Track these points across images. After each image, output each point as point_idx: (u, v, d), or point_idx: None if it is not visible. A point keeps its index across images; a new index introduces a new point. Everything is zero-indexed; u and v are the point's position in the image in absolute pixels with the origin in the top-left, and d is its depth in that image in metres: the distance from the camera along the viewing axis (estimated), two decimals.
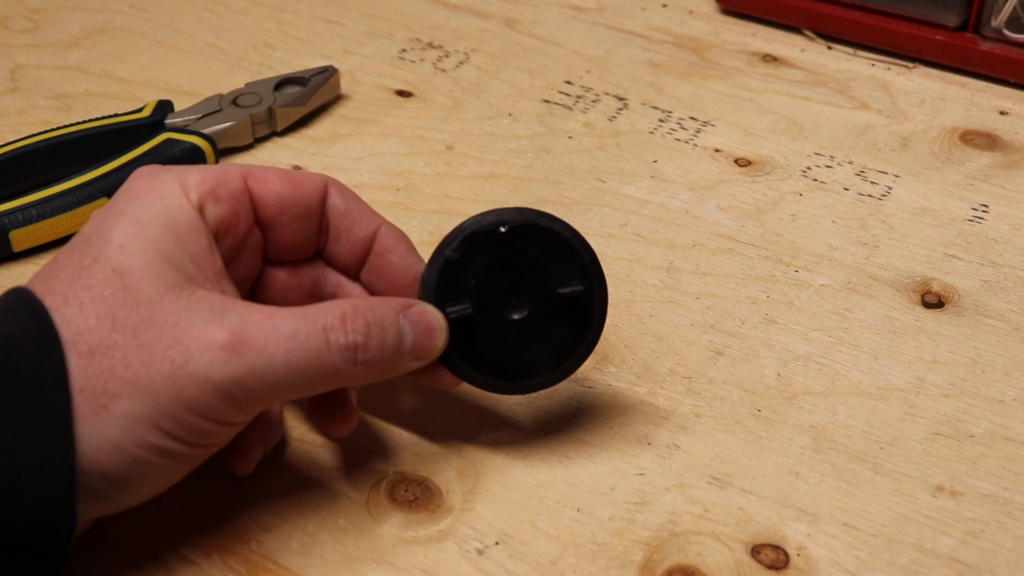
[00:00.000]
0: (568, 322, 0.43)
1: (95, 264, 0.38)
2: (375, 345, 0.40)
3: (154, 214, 0.39)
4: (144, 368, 0.37)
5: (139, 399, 0.37)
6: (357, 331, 0.39)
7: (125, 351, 0.37)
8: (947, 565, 0.42)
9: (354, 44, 0.72)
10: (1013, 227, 0.57)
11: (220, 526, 0.43)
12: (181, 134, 0.59)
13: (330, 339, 0.39)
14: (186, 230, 0.40)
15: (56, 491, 0.36)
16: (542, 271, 0.43)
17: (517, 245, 0.43)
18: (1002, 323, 0.52)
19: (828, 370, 0.50)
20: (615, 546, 0.42)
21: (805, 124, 0.65)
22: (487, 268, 0.43)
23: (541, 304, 0.43)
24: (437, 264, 0.43)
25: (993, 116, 0.66)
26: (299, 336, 0.38)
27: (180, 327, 0.37)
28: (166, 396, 0.37)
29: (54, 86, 0.67)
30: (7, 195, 0.56)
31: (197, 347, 0.37)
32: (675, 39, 0.72)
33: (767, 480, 0.45)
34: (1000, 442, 0.46)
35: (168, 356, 0.37)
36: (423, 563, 0.42)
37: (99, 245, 0.39)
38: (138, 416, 0.37)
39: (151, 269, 0.38)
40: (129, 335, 0.37)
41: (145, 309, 0.38)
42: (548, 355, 0.43)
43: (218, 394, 0.37)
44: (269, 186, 0.43)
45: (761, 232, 0.57)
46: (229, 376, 0.37)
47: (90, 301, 0.38)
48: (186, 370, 0.37)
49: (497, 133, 0.64)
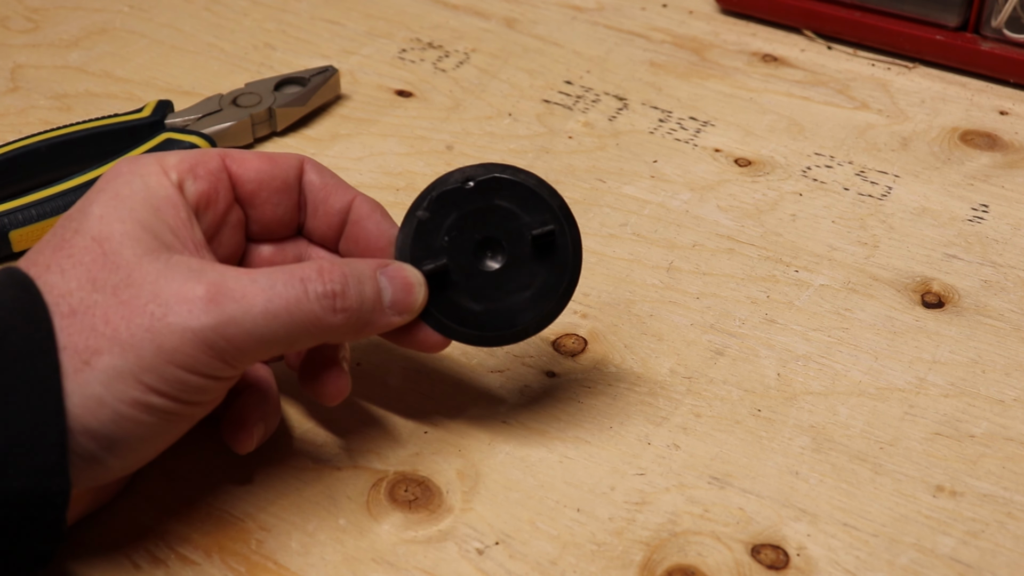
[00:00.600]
0: (544, 265, 0.44)
1: (76, 235, 0.39)
2: (353, 295, 0.41)
3: (133, 189, 0.40)
4: (124, 323, 0.37)
5: (120, 353, 0.37)
6: (335, 280, 0.40)
7: (105, 308, 0.38)
8: (947, 565, 0.42)
9: (354, 44, 0.72)
10: (1013, 227, 0.57)
11: (220, 526, 0.43)
12: (181, 134, 0.59)
13: (308, 288, 0.40)
14: (165, 203, 0.41)
15: (48, 456, 0.36)
16: (512, 220, 0.44)
17: (485, 198, 0.44)
18: (1002, 323, 0.52)
19: (828, 370, 0.50)
20: (615, 546, 0.42)
21: (805, 124, 0.65)
22: (458, 225, 0.44)
23: (515, 251, 0.44)
24: (409, 226, 0.44)
25: (993, 116, 0.66)
26: (277, 286, 0.39)
27: (159, 284, 0.38)
28: (147, 349, 0.37)
29: (54, 86, 0.67)
30: (7, 195, 0.56)
31: (176, 300, 0.38)
32: (675, 39, 0.72)
33: (767, 480, 0.45)
34: (1000, 442, 0.46)
35: (148, 310, 0.38)
36: (423, 563, 0.42)
37: (79, 219, 0.40)
38: (120, 371, 0.37)
39: (130, 235, 0.39)
40: (109, 294, 0.38)
41: (124, 271, 0.38)
42: (529, 301, 0.44)
43: (199, 344, 0.38)
44: (247, 164, 0.44)
45: (761, 232, 0.57)
46: (208, 324, 0.38)
47: (71, 267, 0.38)
48: (165, 322, 0.37)
49: (497, 133, 0.64)
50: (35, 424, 0.36)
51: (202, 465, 0.45)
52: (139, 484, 0.44)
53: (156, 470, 0.45)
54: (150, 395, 0.38)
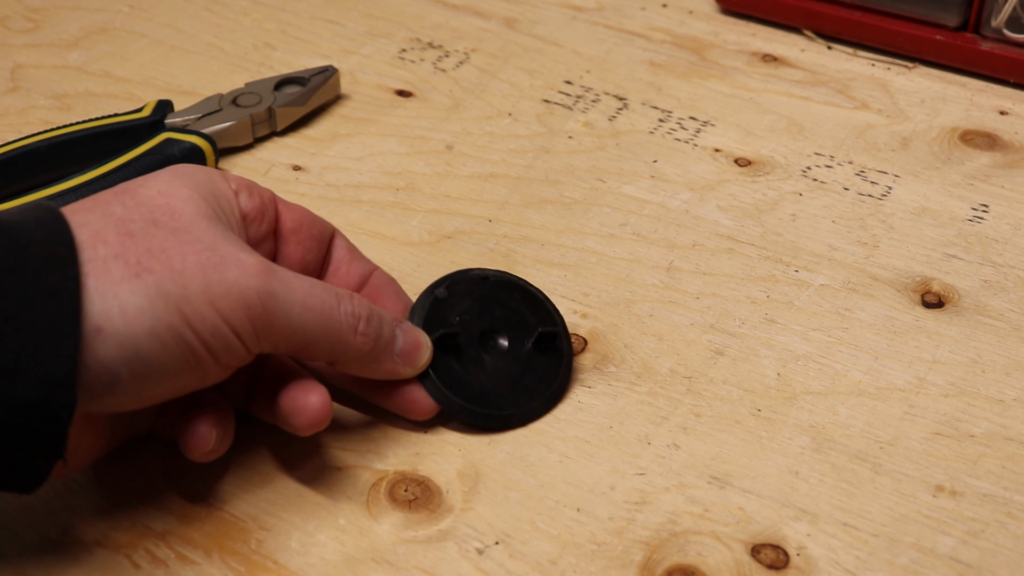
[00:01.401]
0: (539, 364, 0.48)
1: (139, 188, 0.41)
2: (375, 325, 0.43)
3: (198, 179, 0.43)
4: (179, 256, 0.39)
5: (170, 278, 0.39)
6: (363, 307, 0.43)
7: (163, 239, 0.39)
8: (947, 565, 0.42)
9: (354, 44, 0.72)
10: (1013, 227, 0.57)
11: (220, 526, 0.43)
12: (181, 134, 0.59)
13: (340, 303, 0.42)
14: (224, 198, 0.43)
15: (58, 367, 0.36)
16: (518, 319, 0.48)
17: (498, 294, 0.49)
18: (1002, 323, 0.52)
19: (828, 370, 0.50)
20: (615, 546, 0.42)
21: (805, 124, 0.65)
22: (470, 310, 0.48)
23: (515, 346, 0.47)
24: (427, 299, 0.48)
25: (993, 116, 0.66)
26: (316, 288, 0.42)
27: (216, 241, 0.40)
28: (195, 284, 0.39)
29: (54, 86, 0.67)
30: (7, 195, 0.56)
31: (231, 258, 0.40)
32: (675, 39, 0.72)
33: (767, 480, 0.45)
34: (1000, 442, 0.46)
35: (203, 254, 0.39)
36: (423, 563, 0.42)
37: (140, 181, 0.41)
38: (166, 292, 0.38)
39: (192, 201, 0.41)
40: (168, 233, 0.40)
41: (185, 221, 0.40)
42: (520, 392, 0.47)
43: (242, 300, 0.39)
44: (291, 207, 0.47)
45: (761, 232, 0.57)
46: (255, 287, 0.40)
47: (135, 206, 0.40)
48: (218, 269, 0.39)
49: (497, 133, 0.64)
50: (49, 335, 0.36)
51: (202, 465, 0.45)
52: (139, 483, 0.44)
53: (156, 470, 0.45)
54: (185, 327, 0.39)
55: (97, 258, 0.38)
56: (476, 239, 0.56)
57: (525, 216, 0.58)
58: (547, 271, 0.54)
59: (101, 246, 0.38)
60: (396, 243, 0.56)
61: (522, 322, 0.48)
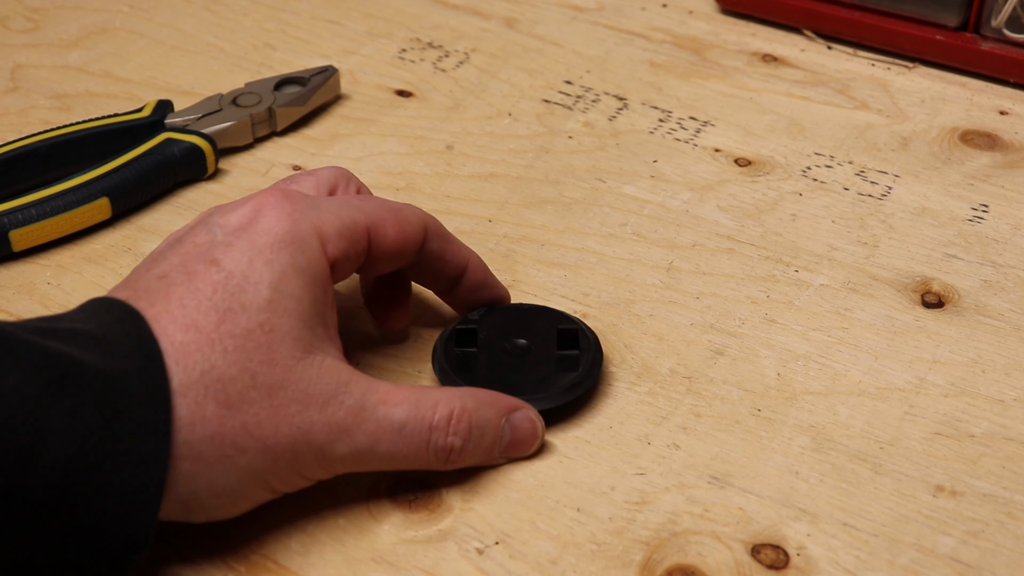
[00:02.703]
0: (561, 357, 0.48)
1: (243, 312, 0.39)
2: (470, 449, 0.43)
3: (299, 269, 0.41)
4: (272, 431, 0.39)
5: (263, 457, 0.39)
6: (458, 435, 0.43)
7: (259, 410, 0.39)
8: (947, 565, 0.42)
9: (354, 44, 0.72)
10: (1013, 227, 0.57)
11: (220, 526, 0.43)
12: (181, 134, 0.59)
13: (432, 439, 0.42)
14: (322, 289, 0.42)
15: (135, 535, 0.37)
16: (544, 330, 0.48)
17: (527, 317, 0.49)
18: (1002, 323, 0.52)
19: (828, 370, 0.50)
20: (615, 546, 0.42)
21: (805, 124, 0.65)
22: (499, 326, 0.49)
23: (540, 344, 0.48)
24: (457, 322, 0.49)
25: (993, 116, 0.66)
26: (406, 430, 0.42)
27: (308, 395, 0.40)
28: (284, 459, 0.40)
29: (54, 86, 0.67)
30: (7, 195, 0.56)
31: (319, 419, 0.40)
32: (675, 39, 0.72)
33: (767, 480, 0.45)
34: (1000, 442, 0.46)
35: (295, 423, 0.40)
36: (423, 563, 0.42)
37: (248, 292, 0.40)
38: (257, 471, 0.39)
39: (292, 334, 0.40)
40: (264, 394, 0.39)
41: (281, 372, 0.40)
42: (536, 383, 0.47)
43: (324, 463, 0.41)
44: (385, 242, 0.45)
45: (761, 232, 0.57)
46: (338, 453, 0.41)
47: (235, 350, 0.39)
48: (307, 439, 0.40)
49: (497, 133, 0.64)
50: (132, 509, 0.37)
51: None
52: None
53: None
54: (268, 493, 0.41)
55: (194, 440, 0.38)
56: (476, 239, 0.56)
57: (525, 216, 0.58)
58: (547, 271, 0.54)
59: (199, 426, 0.38)
60: None
61: (548, 327, 0.48)
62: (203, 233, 0.41)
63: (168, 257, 0.41)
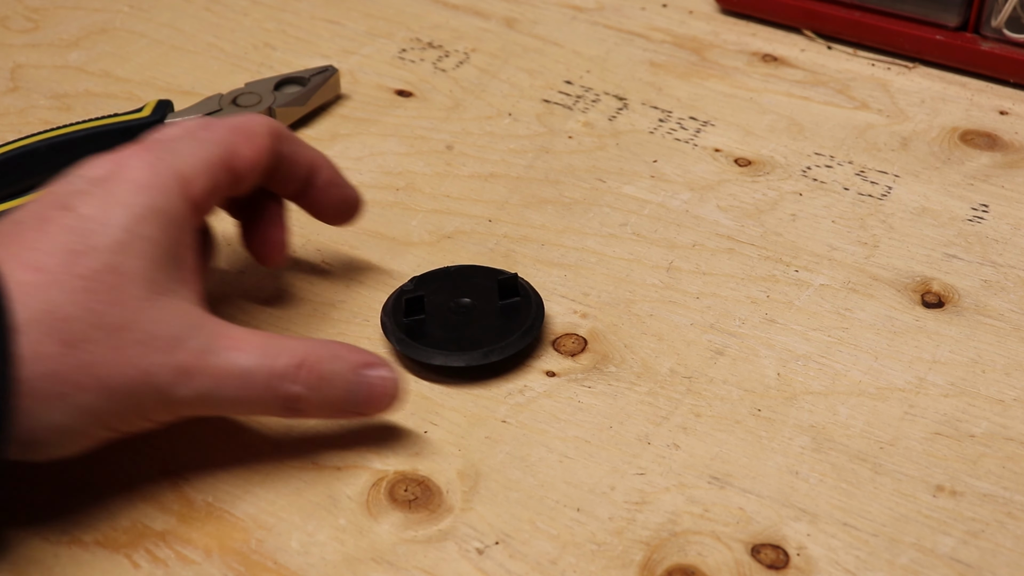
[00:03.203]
0: (504, 306, 0.50)
1: (92, 253, 0.39)
2: (315, 400, 0.43)
3: (156, 211, 0.41)
4: (113, 371, 0.39)
5: (100, 396, 0.39)
6: (303, 384, 0.42)
7: (101, 349, 0.39)
8: (947, 565, 0.42)
9: (354, 44, 0.72)
10: (1013, 227, 0.58)
11: (220, 526, 0.43)
12: None
13: (276, 386, 0.42)
14: (180, 231, 0.42)
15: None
16: (483, 287, 0.51)
17: (463, 276, 0.52)
18: (1002, 323, 0.52)
19: (828, 370, 0.50)
20: (615, 546, 0.42)
21: (805, 124, 0.65)
22: (439, 289, 0.51)
23: (482, 298, 0.51)
24: (395, 294, 0.51)
25: (993, 116, 0.66)
26: (250, 376, 0.41)
27: (154, 336, 0.40)
28: (124, 399, 0.40)
29: (54, 86, 0.67)
30: (7, 195, 0.56)
31: (163, 361, 0.40)
32: (675, 39, 0.72)
33: (767, 480, 0.45)
34: (1000, 442, 0.46)
35: (137, 363, 0.39)
36: (423, 563, 0.42)
37: (98, 233, 0.40)
38: (95, 410, 0.39)
39: (144, 275, 0.40)
40: (107, 334, 0.39)
41: (128, 312, 0.39)
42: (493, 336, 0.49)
43: (167, 406, 0.41)
44: (245, 164, 0.45)
45: (761, 232, 0.57)
46: (181, 395, 0.40)
47: (81, 291, 0.39)
48: (148, 381, 0.40)
49: (497, 133, 0.64)
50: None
51: (202, 465, 0.45)
52: (139, 483, 0.44)
53: (156, 470, 0.45)
54: (107, 432, 0.40)
55: (32, 377, 0.38)
56: (476, 239, 0.56)
57: (525, 216, 0.58)
58: (547, 271, 0.54)
59: (37, 363, 0.38)
60: (396, 243, 0.56)
61: (486, 287, 0.51)
62: (63, 183, 0.42)
63: (27, 205, 0.42)
